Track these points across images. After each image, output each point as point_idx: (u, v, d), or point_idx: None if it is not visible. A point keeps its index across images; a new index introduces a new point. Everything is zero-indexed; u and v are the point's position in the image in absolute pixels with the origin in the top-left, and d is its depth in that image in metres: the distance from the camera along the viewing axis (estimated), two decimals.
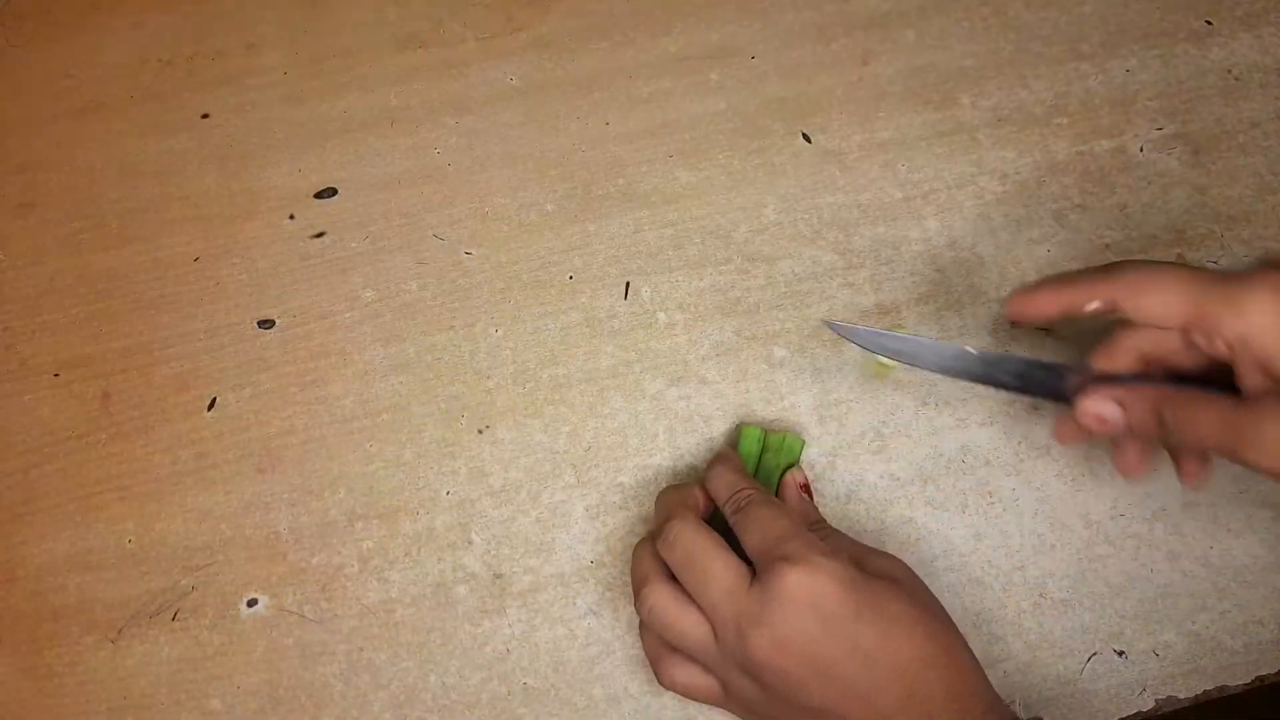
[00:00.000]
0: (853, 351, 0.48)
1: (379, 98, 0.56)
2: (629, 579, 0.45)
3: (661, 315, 0.50)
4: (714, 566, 0.36)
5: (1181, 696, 0.42)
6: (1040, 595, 0.43)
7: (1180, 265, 0.36)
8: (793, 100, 0.54)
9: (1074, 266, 0.49)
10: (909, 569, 0.38)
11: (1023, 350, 0.47)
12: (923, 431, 0.46)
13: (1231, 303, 0.34)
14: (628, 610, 0.44)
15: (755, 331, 0.49)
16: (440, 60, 0.56)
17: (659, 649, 0.38)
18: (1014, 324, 0.40)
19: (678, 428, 0.47)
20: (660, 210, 0.52)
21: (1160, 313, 0.35)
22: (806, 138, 0.53)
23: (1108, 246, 0.49)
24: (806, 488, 0.43)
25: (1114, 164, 0.51)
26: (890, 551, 0.44)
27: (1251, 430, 0.32)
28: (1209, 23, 0.54)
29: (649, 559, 0.38)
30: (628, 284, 0.50)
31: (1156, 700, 0.42)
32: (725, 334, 0.49)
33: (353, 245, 0.52)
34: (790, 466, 0.44)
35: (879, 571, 0.37)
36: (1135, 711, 0.42)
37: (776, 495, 0.43)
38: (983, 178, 0.51)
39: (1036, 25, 0.55)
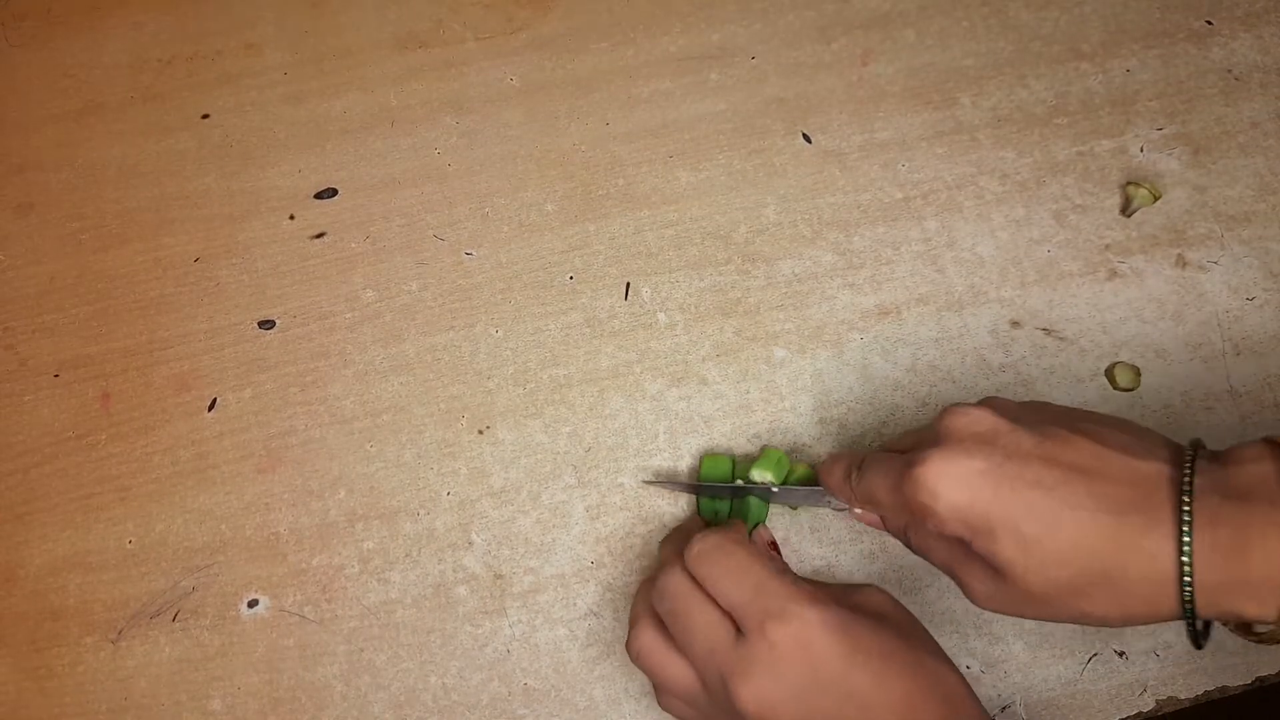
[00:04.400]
0: (853, 352, 0.48)
1: (379, 98, 0.56)
2: (629, 579, 0.45)
3: (661, 315, 0.50)
4: (698, 621, 0.35)
5: (1181, 697, 0.42)
6: None
7: (888, 463, 0.37)
8: (793, 100, 0.54)
9: (1074, 266, 0.49)
10: (889, 596, 0.38)
11: (1028, 346, 0.47)
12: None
13: (914, 498, 0.35)
14: (628, 611, 0.44)
15: (755, 331, 0.49)
16: (440, 60, 0.56)
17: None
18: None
19: (678, 428, 0.47)
20: (660, 210, 0.52)
21: (890, 513, 0.39)
22: (806, 138, 0.53)
23: (1107, 246, 0.49)
24: (774, 546, 0.43)
25: (1114, 164, 0.51)
26: (893, 551, 0.45)
27: (962, 579, 0.36)
28: (1209, 23, 0.54)
29: (646, 601, 0.39)
30: (628, 284, 0.50)
31: (1157, 700, 0.42)
32: (725, 334, 0.49)
33: (353, 245, 0.52)
34: (757, 525, 0.44)
35: (863, 606, 0.36)
36: (1135, 712, 0.42)
37: None
38: (983, 178, 0.51)
39: (1036, 25, 0.55)
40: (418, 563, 0.46)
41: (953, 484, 0.34)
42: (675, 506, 0.46)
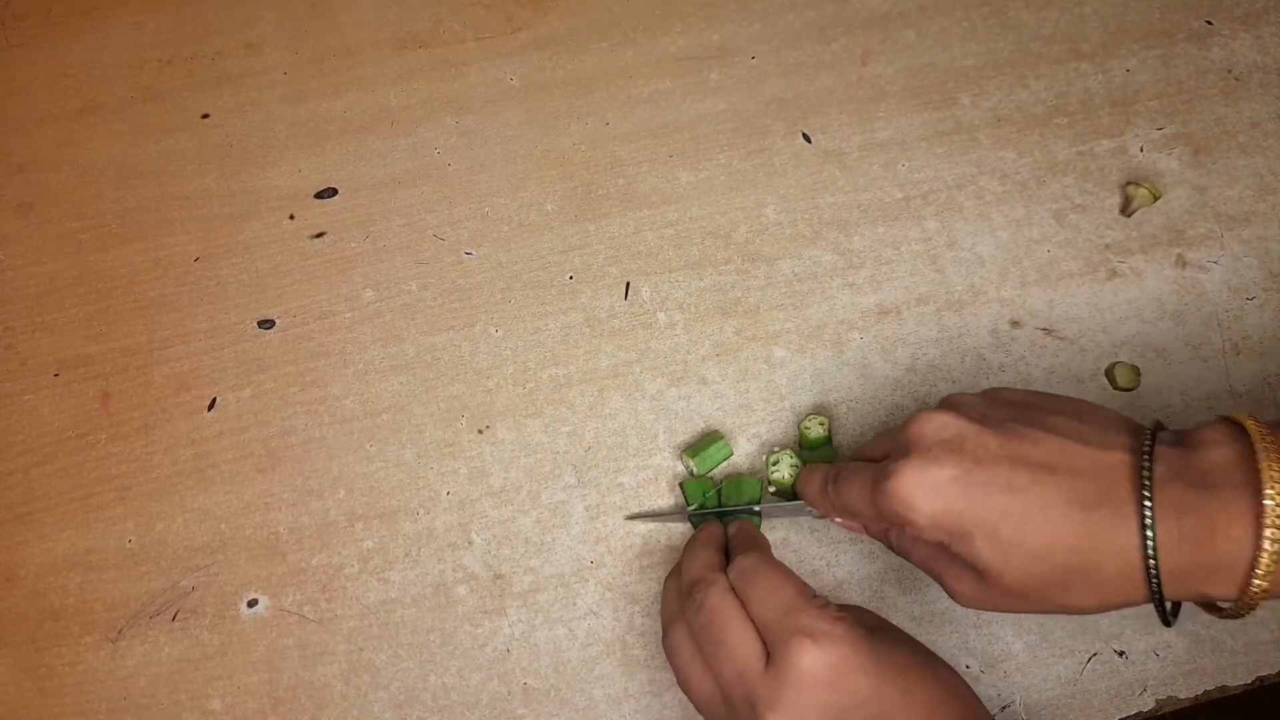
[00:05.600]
0: (853, 352, 0.48)
1: (379, 98, 0.56)
2: (629, 579, 0.45)
3: (661, 315, 0.50)
4: (729, 641, 0.35)
5: (1181, 696, 0.42)
6: None
7: (861, 473, 0.38)
8: (793, 100, 0.54)
9: (1074, 266, 0.49)
10: (882, 617, 0.39)
11: (1028, 346, 0.47)
12: None
13: (889, 507, 0.35)
14: (628, 611, 0.44)
15: (755, 331, 0.49)
16: (440, 60, 0.56)
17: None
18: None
19: (678, 428, 0.47)
20: (660, 210, 0.52)
21: (868, 523, 0.40)
22: (806, 138, 0.53)
23: (1107, 246, 0.49)
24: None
25: (1114, 164, 0.51)
26: (893, 551, 0.45)
27: (945, 581, 0.37)
28: (1209, 23, 0.54)
29: (676, 599, 0.39)
30: (628, 284, 0.50)
31: (1157, 700, 0.42)
32: (725, 334, 0.49)
33: (353, 245, 0.52)
34: (752, 502, 0.44)
35: (870, 624, 0.37)
36: (1135, 711, 0.42)
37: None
38: (983, 178, 0.51)
39: (1036, 25, 0.55)
40: (417, 562, 0.46)
41: (926, 494, 0.34)
42: (675, 507, 0.46)
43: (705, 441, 0.46)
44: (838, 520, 0.42)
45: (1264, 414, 0.46)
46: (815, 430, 0.45)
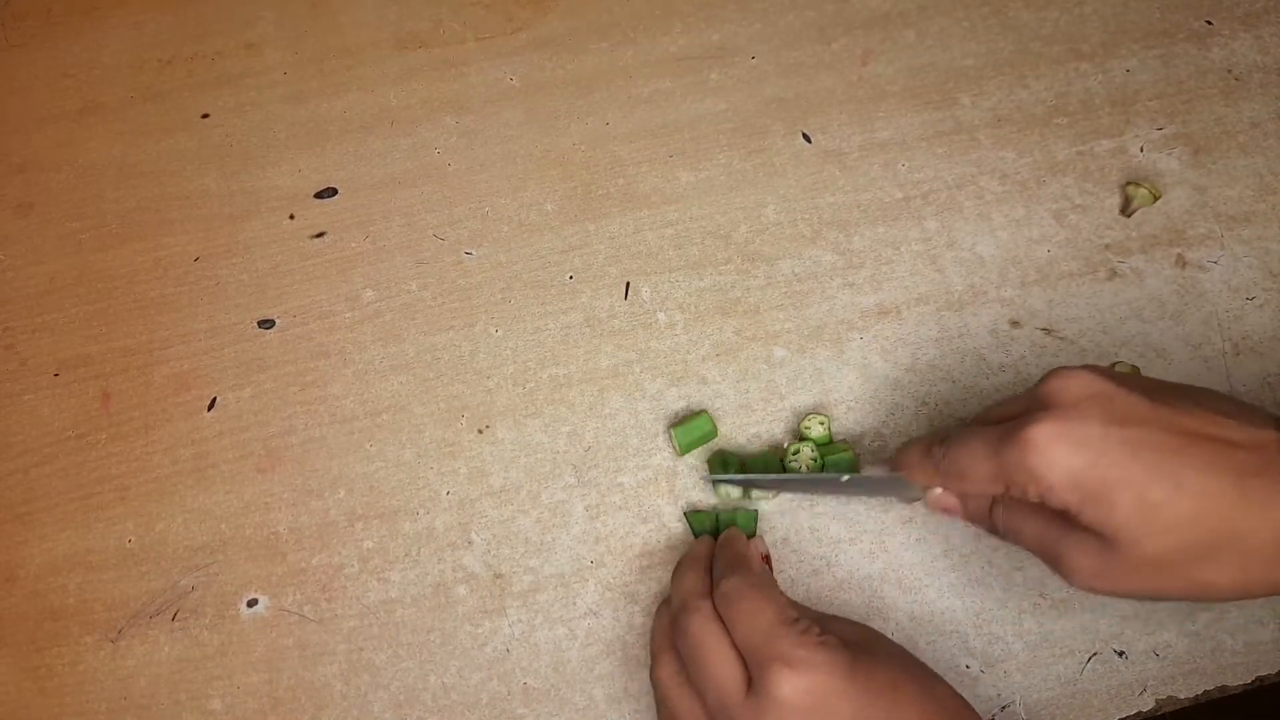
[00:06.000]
0: (853, 352, 0.48)
1: (379, 98, 0.56)
2: (629, 579, 0.45)
3: (661, 315, 0.50)
4: (710, 669, 0.35)
5: (1181, 696, 0.42)
6: (1040, 595, 0.43)
7: (983, 433, 0.36)
8: (793, 100, 0.54)
9: (1074, 266, 0.49)
10: (871, 628, 0.38)
11: (1028, 346, 0.47)
12: (922, 431, 0.46)
13: (1020, 464, 0.34)
14: (628, 611, 0.44)
15: (755, 331, 0.49)
16: (440, 60, 0.56)
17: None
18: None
19: None
20: (660, 210, 0.52)
21: (982, 489, 0.37)
22: (806, 138, 0.53)
23: (1107, 246, 0.49)
24: (767, 559, 0.43)
25: (1114, 164, 0.51)
26: (892, 551, 0.45)
27: (1063, 555, 0.35)
28: (1209, 23, 0.54)
29: (668, 629, 0.39)
30: (628, 284, 0.50)
31: (1156, 700, 0.42)
32: (725, 334, 0.49)
33: (353, 245, 0.52)
34: (750, 538, 0.44)
35: (856, 641, 0.36)
36: (1135, 711, 0.42)
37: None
38: (983, 178, 0.51)
39: (1036, 25, 0.55)
40: (417, 562, 0.46)
41: (1068, 448, 0.33)
42: (674, 507, 0.46)
43: (689, 418, 0.46)
44: (936, 493, 0.39)
45: None
46: (816, 429, 0.45)
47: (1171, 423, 0.33)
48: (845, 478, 0.42)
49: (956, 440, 0.37)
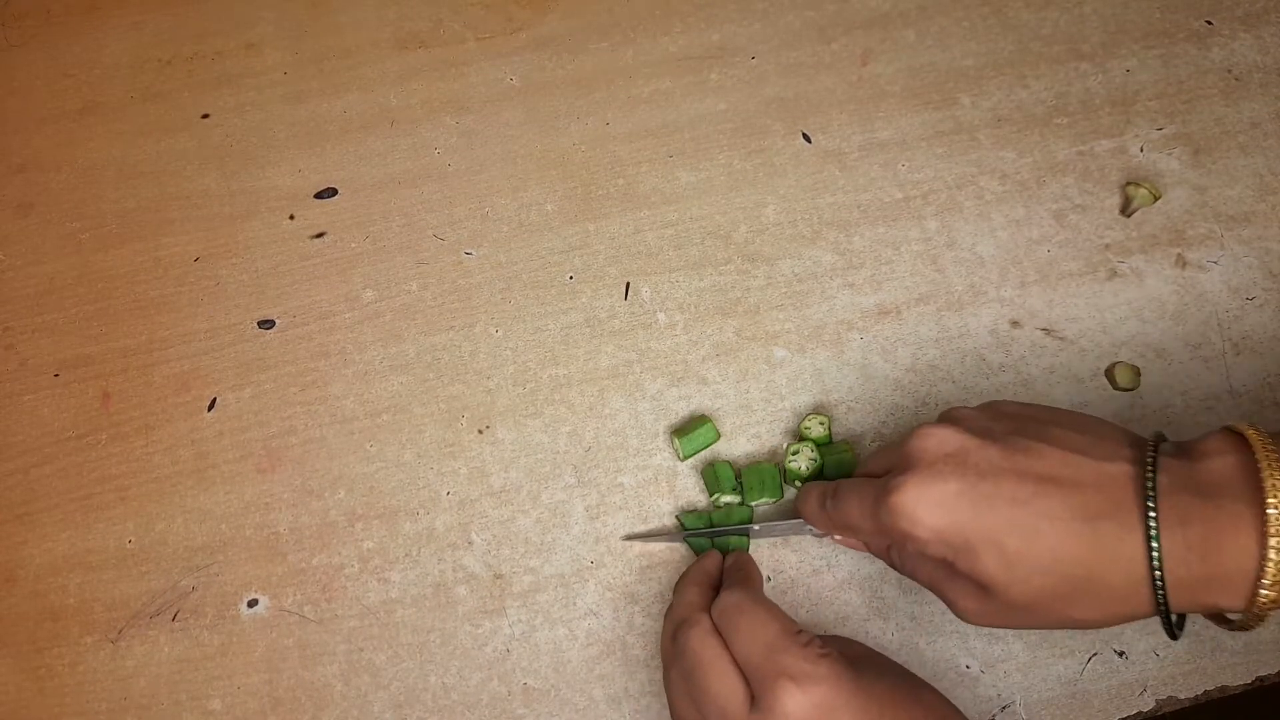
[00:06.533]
0: (853, 352, 0.48)
1: (379, 98, 0.56)
2: (629, 579, 0.45)
3: (661, 315, 0.50)
4: (711, 688, 0.35)
5: (1181, 696, 0.42)
6: None
7: (861, 489, 0.38)
8: (793, 100, 0.54)
9: (1074, 266, 0.49)
10: (866, 645, 0.39)
11: (1028, 346, 0.47)
12: None
13: (892, 524, 0.35)
14: (628, 611, 0.44)
15: (755, 331, 0.49)
16: (440, 60, 0.56)
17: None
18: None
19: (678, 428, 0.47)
20: (660, 210, 0.52)
21: (870, 540, 0.41)
22: (806, 138, 0.53)
23: (1107, 246, 0.49)
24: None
25: (1114, 164, 0.51)
26: None
27: (949, 599, 0.37)
28: (1209, 23, 0.54)
29: (670, 639, 0.39)
30: (628, 284, 0.50)
31: (1157, 700, 0.42)
32: (725, 334, 0.49)
33: (353, 245, 0.52)
34: (744, 522, 0.44)
35: (855, 656, 0.36)
36: (1135, 711, 0.42)
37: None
38: (983, 178, 0.51)
39: (1036, 25, 0.55)
40: (417, 562, 0.46)
41: (929, 508, 0.34)
42: (674, 508, 0.46)
43: (693, 424, 0.46)
44: (837, 538, 0.42)
45: (1264, 415, 0.46)
46: (816, 430, 0.45)
47: (1025, 471, 0.34)
48: (757, 527, 0.44)
49: (842, 495, 0.39)
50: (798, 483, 0.44)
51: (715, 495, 0.45)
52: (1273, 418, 0.46)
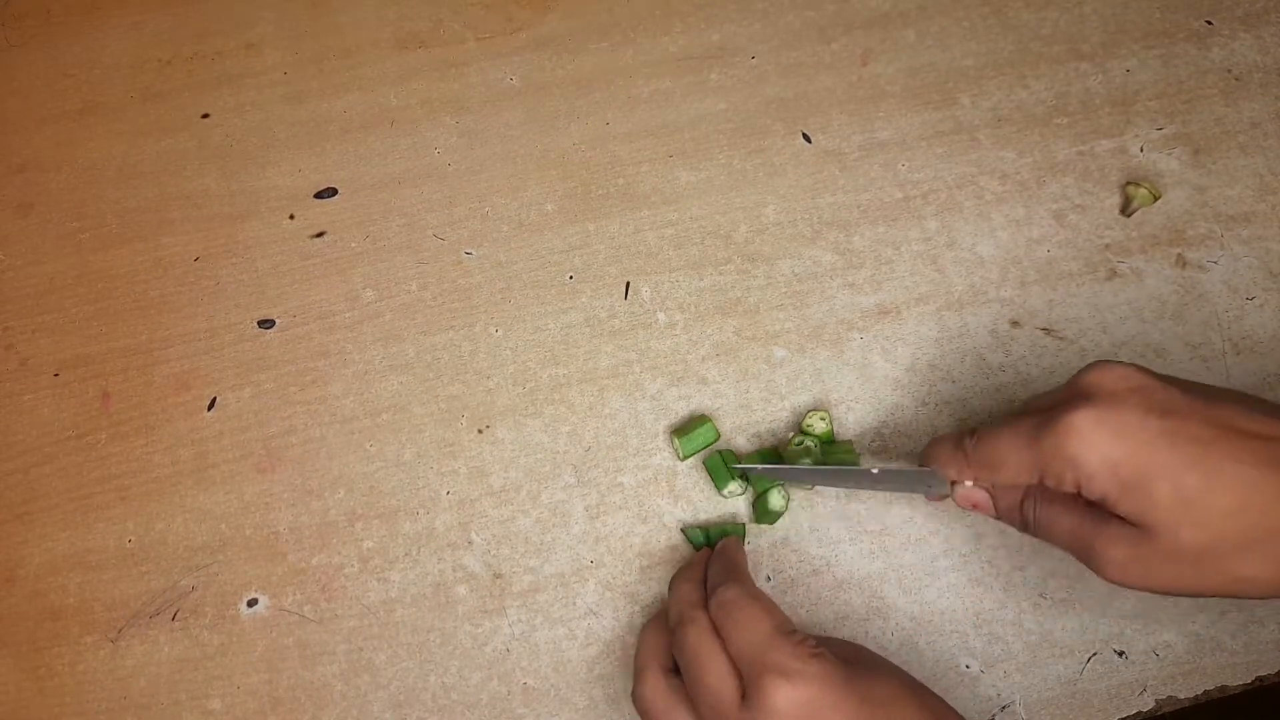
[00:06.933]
0: (853, 352, 0.48)
1: (379, 98, 0.56)
2: (629, 579, 0.45)
3: (661, 315, 0.50)
4: (706, 681, 0.35)
5: (1181, 696, 0.42)
6: (1040, 595, 0.43)
7: (1017, 422, 0.36)
8: (793, 100, 0.54)
9: (1074, 266, 0.49)
10: (864, 647, 0.38)
11: (1028, 345, 0.47)
12: (923, 431, 0.46)
13: (1059, 451, 0.34)
14: (628, 611, 0.44)
15: (755, 331, 0.49)
16: (440, 60, 0.56)
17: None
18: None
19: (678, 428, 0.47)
20: (660, 210, 0.52)
21: (1015, 479, 0.36)
22: (806, 138, 0.53)
23: (1107, 246, 0.49)
24: None
25: (1114, 164, 0.51)
26: (892, 551, 0.45)
27: (1096, 549, 0.34)
28: (1209, 23, 0.54)
29: (652, 647, 0.39)
30: (628, 284, 0.50)
31: (1156, 700, 0.42)
32: (725, 334, 0.49)
33: (353, 245, 0.52)
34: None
35: (849, 657, 0.36)
36: (1135, 711, 0.42)
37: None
38: (983, 178, 0.51)
39: (1036, 25, 0.55)
40: (417, 562, 0.46)
41: (1108, 436, 0.33)
42: (674, 508, 0.46)
43: (692, 424, 0.46)
44: (966, 485, 0.38)
45: None
46: (818, 425, 0.45)
47: (1210, 416, 0.33)
48: (876, 470, 0.41)
49: (989, 431, 0.37)
50: None
51: (722, 485, 0.45)
52: None
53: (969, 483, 0.38)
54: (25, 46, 0.59)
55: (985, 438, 0.37)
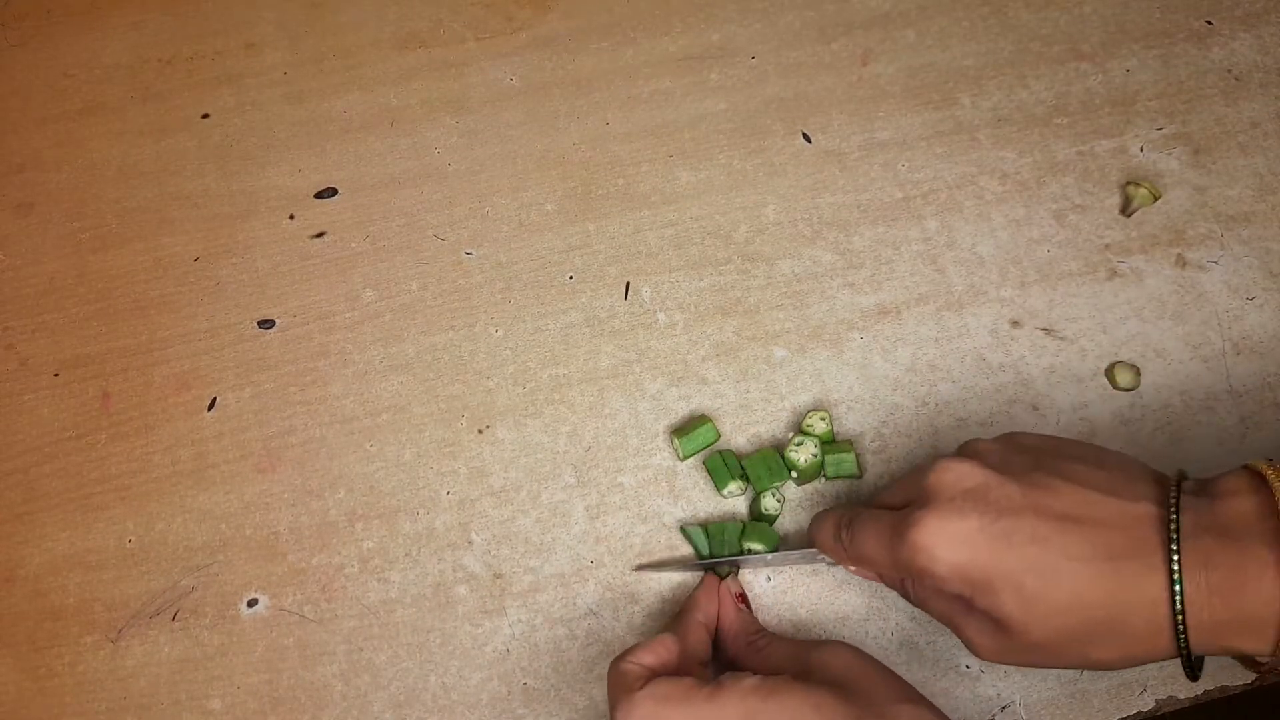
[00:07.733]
0: (853, 352, 0.48)
1: (379, 98, 0.56)
2: (629, 579, 0.45)
3: (661, 315, 0.50)
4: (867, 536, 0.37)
5: (1181, 696, 0.42)
6: None
7: (877, 523, 0.37)
8: (793, 100, 0.54)
9: (1074, 266, 0.49)
10: (852, 650, 0.38)
11: (1028, 345, 0.47)
12: (923, 431, 0.46)
13: (911, 562, 0.35)
14: (628, 611, 0.44)
15: (755, 331, 0.49)
16: (440, 60, 0.56)
17: None
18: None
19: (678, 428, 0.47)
20: (660, 210, 0.52)
21: (886, 574, 0.40)
22: (806, 138, 0.53)
23: (1107, 246, 0.49)
24: (743, 598, 0.43)
25: (1114, 164, 0.51)
26: None
27: (965, 635, 0.36)
28: (1209, 23, 0.54)
29: (619, 683, 0.39)
30: (628, 284, 0.50)
31: (1156, 700, 0.42)
32: (725, 334, 0.49)
33: (353, 245, 0.52)
34: (729, 574, 0.44)
35: (819, 669, 0.36)
36: (1135, 711, 0.42)
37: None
38: (983, 178, 0.51)
39: (1036, 25, 0.55)
40: (417, 562, 0.46)
41: (949, 544, 0.34)
42: (674, 508, 0.46)
43: (692, 424, 0.46)
44: (851, 568, 0.42)
45: (1264, 416, 0.46)
46: (818, 426, 0.45)
47: (1046, 508, 0.34)
48: (770, 556, 0.43)
49: (858, 528, 0.39)
50: (793, 473, 0.45)
51: (722, 486, 0.45)
52: (1272, 418, 0.46)
53: (852, 567, 0.41)
54: (25, 46, 0.59)
55: (855, 536, 0.39)
